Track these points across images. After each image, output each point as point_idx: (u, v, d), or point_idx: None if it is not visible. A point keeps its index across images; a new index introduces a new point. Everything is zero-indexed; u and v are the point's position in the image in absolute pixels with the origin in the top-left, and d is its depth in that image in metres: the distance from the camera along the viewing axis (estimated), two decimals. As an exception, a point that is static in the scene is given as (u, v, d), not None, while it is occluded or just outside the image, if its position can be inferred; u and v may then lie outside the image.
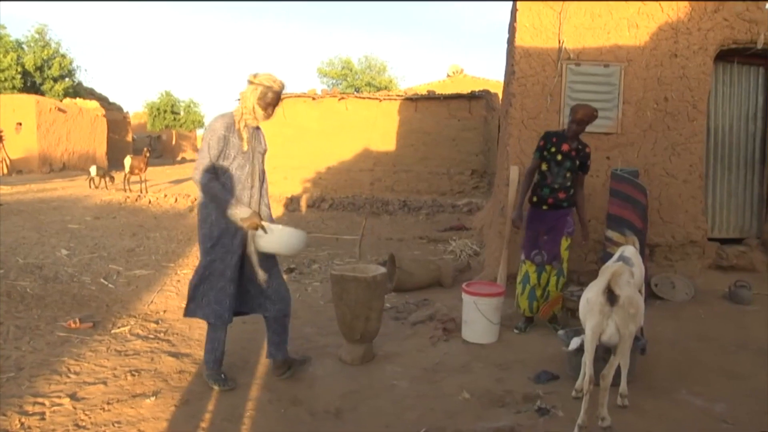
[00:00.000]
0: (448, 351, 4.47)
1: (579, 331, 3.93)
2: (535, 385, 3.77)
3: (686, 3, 6.06)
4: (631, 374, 3.58)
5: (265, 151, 3.79)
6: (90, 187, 17.34)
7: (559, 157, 4.83)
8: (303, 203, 14.02)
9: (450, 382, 3.85)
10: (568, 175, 4.87)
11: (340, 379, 3.92)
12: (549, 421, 3.28)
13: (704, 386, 3.75)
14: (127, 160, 17.08)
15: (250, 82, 3.56)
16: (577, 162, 4.88)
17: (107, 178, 17.74)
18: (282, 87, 3.57)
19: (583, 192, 5.07)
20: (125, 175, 17.00)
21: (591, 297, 3.28)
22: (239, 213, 3.44)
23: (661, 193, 6.15)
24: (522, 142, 6.17)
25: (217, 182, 3.47)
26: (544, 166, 4.89)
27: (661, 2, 6.07)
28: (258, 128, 3.73)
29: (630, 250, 3.95)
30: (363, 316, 4.10)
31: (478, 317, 4.58)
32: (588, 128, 4.89)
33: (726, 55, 6.42)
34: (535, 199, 4.95)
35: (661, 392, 3.66)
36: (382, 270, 4.30)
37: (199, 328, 4.97)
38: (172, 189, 17.46)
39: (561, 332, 4.17)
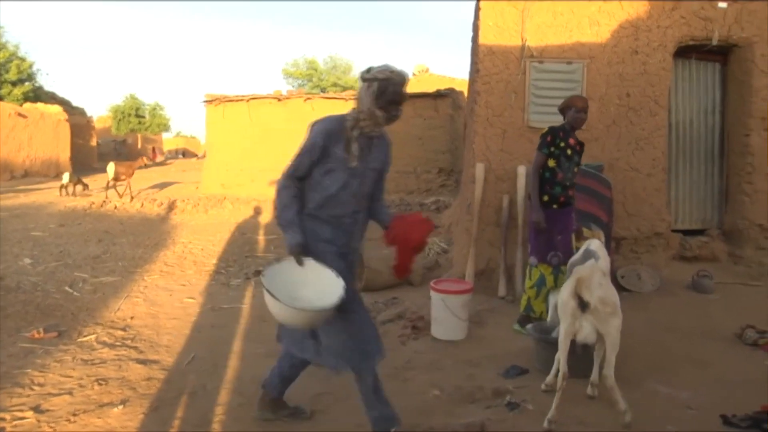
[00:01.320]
0: (418, 349, 4.48)
1: (543, 324, 4.03)
2: (504, 380, 3.80)
3: (645, 1, 6.18)
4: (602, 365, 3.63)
5: (382, 168, 3.06)
6: (61, 195, 15.97)
7: (569, 152, 4.63)
8: (271, 207, 13.90)
9: (420, 380, 3.86)
10: (575, 170, 4.72)
11: (312, 380, 3.89)
12: (519, 415, 3.31)
13: (672, 375, 3.84)
14: (111, 167, 15.82)
15: (363, 79, 2.86)
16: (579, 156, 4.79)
17: (80, 186, 16.69)
18: (403, 78, 2.87)
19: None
20: (108, 183, 15.90)
21: (564, 299, 3.30)
22: (288, 237, 2.83)
23: (625, 187, 6.25)
24: (487, 139, 6.21)
25: (292, 192, 2.87)
26: (551, 163, 4.61)
27: (622, 1, 6.18)
28: (381, 138, 3.01)
29: (595, 244, 4.00)
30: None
31: (447, 315, 4.60)
32: (552, 125, 4.82)
33: (684, 52, 6.57)
34: (546, 198, 4.65)
35: (629, 382, 3.69)
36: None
37: (167, 334, 4.91)
38: (156, 195, 16.76)
39: (529, 326, 4.21)
